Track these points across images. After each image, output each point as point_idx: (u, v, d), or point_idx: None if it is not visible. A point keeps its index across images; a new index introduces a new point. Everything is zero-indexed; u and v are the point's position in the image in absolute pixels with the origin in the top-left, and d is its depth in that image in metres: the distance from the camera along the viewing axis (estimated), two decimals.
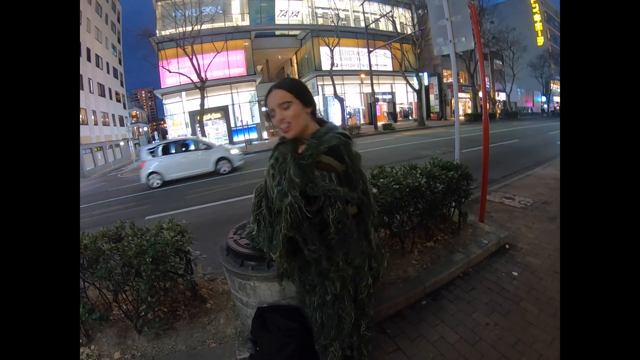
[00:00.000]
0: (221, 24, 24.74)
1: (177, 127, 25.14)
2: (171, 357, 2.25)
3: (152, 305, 2.37)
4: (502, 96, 41.04)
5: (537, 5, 54.54)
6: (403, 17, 32.04)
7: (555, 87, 52.32)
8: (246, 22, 26.26)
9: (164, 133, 34.62)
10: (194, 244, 2.67)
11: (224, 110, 23.95)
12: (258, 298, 2.11)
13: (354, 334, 1.65)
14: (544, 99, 49.53)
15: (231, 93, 25.54)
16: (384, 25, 30.86)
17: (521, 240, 3.88)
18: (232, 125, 24.44)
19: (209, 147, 11.68)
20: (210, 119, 23.11)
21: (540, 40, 52.64)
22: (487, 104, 4.47)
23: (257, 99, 26.12)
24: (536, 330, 2.36)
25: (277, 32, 29.18)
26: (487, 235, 3.70)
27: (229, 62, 25.07)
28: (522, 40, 37.44)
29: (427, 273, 2.96)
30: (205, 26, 20.51)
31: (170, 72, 20.55)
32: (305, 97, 1.51)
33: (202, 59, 19.57)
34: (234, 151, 12.17)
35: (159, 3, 23.79)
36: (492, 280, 3.03)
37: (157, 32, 24.02)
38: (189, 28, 18.97)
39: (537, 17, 54.34)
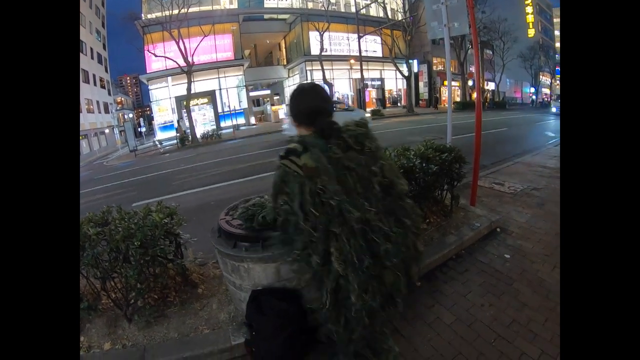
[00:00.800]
0: (209, 7, 24.08)
1: (163, 112, 24.61)
2: (163, 345, 2.19)
3: (142, 293, 2.30)
4: (491, 85, 41.35)
5: None
6: (394, 3, 31.67)
7: (545, 78, 52.94)
8: (234, 5, 25.65)
9: (149, 119, 33.84)
10: (184, 227, 2.60)
11: (211, 95, 23.47)
12: (252, 281, 2.06)
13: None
14: (532, 90, 49.99)
15: (218, 78, 25.06)
16: (374, 11, 30.54)
17: (512, 224, 3.94)
18: (220, 110, 24.02)
19: (351, 110, 13.70)
20: (197, 104, 22.62)
21: (531, 32, 52.77)
22: (476, 93, 4.44)
23: (244, 84, 25.70)
24: (530, 311, 2.41)
25: (266, 16, 28.60)
26: (479, 219, 3.75)
27: (217, 46, 24.52)
28: (513, 31, 37.51)
29: None
30: (192, 9, 19.91)
31: (156, 56, 20.02)
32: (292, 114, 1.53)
33: (189, 43, 19.04)
34: (367, 115, 14.14)
35: None
36: (485, 262, 3.08)
37: (142, 15, 23.26)
38: (176, 11, 18.39)
39: (529, 10, 54.39)
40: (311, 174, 1.31)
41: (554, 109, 24.82)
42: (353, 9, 25.87)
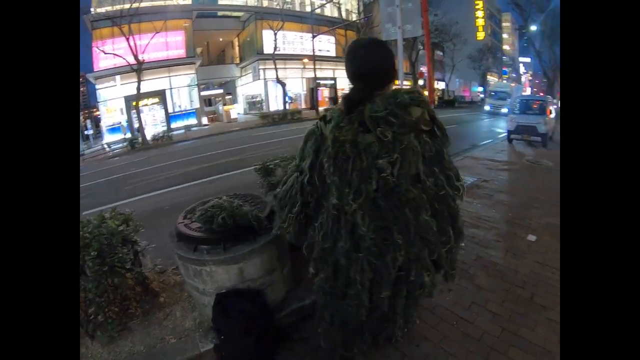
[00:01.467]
0: (162, 2, 23.01)
1: (111, 113, 23.04)
2: (130, 359, 2.08)
3: (102, 306, 2.17)
4: (441, 85, 43.44)
5: (480, 2, 58.22)
6: (349, 3, 32.23)
7: (492, 78, 56.55)
8: (188, 1, 24.72)
9: (97, 121, 31.58)
10: (141, 233, 2.49)
11: (161, 95, 22.39)
12: (215, 284, 2.03)
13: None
14: (480, 89, 53.24)
15: (169, 76, 24.00)
16: (329, 11, 30.83)
17: (463, 214, 4.17)
18: (171, 110, 22.97)
19: None
20: (147, 105, 21.48)
21: (480, 35, 56.25)
22: (426, 92, 4.68)
23: (196, 83, 24.84)
24: (487, 293, 2.61)
25: (220, 13, 27.87)
26: None
27: (168, 43, 23.43)
28: (464, 33, 39.84)
29: None
30: (144, 4, 18.95)
31: (105, 53, 18.76)
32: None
33: (140, 40, 18.12)
34: None
35: None
36: None
37: (92, 9, 21.70)
38: (127, 5, 17.40)
39: (479, 14, 57.98)
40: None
41: (487, 107, 23.93)
42: (308, 9, 25.97)
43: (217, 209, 2.00)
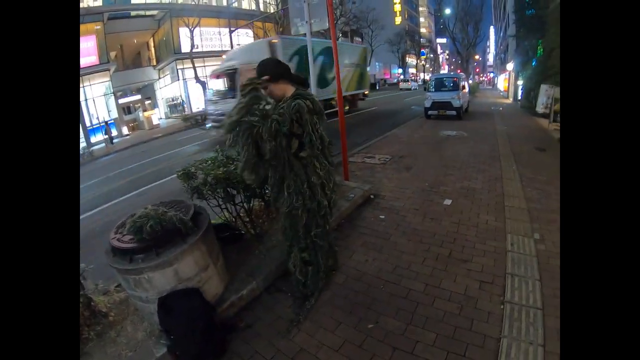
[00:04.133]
0: None
1: None
2: None
3: None
4: None
5: None
6: None
7: (411, 60, 59.62)
8: (98, 3, 22.50)
9: None
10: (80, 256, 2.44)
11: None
12: (156, 289, 2.12)
13: (307, 237, 2.33)
14: (400, 70, 56.00)
15: (83, 87, 21.87)
16: (247, 4, 30.16)
17: (383, 189, 4.62)
18: (88, 124, 20.93)
19: None
20: None
21: (397, 20, 58.90)
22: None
23: (112, 91, 22.92)
24: (408, 256, 2.93)
25: (133, 13, 25.86)
26: (353, 190, 4.28)
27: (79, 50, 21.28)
28: (381, 19, 41.46)
29: None
30: None
31: None
32: (270, 72, 2.20)
33: None
34: None
35: None
36: (363, 226, 3.59)
37: None
38: None
39: (396, 0, 60.41)
40: (316, 113, 2.12)
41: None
42: (225, 2, 25.12)
43: (144, 219, 2.09)
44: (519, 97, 17.37)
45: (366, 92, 16.87)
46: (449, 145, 7.43)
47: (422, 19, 76.78)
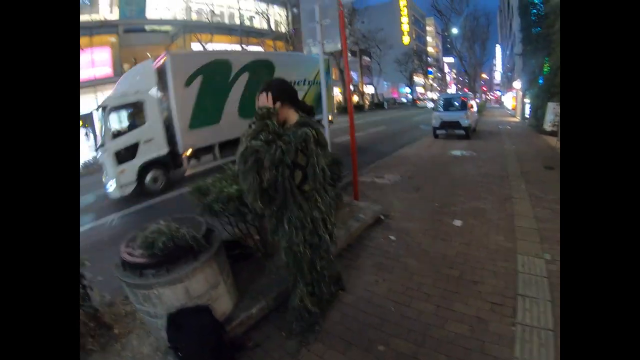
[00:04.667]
0: (87, 17, 21.40)
1: None
2: None
3: None
4: (370, 89, 45.53)
5: (405, 9, 62.18)
6: (278, 15, 32.62)
7: (418, 79, 60.40)
8: (115, 16, 23.26)
9: None
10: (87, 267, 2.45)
11: (87, 118, 20.74)
12: (165, 305, 2.10)
13: (313, 272, 2.21)
14: (408, 89, 56.58)
15: (96, 97, 22.40)
16: (258, 23, 30.97)
17: (393, 210, 4.58)
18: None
19: None
20: None
21: (405, 40, 60.05)
22: (356, 97, 5.05)
23: None
24: (419, 277, 2.90)
25: (148, 28, 26.67)
26: (363, 211, 4.26)
27: (94, 60, 21.78)
28: (390, 39, 42.30)
29: None
30: None
31: None
32: (279, 95, 2.05)
33: None
34: None
35: None
36: (373, 247, 3.55)
37: None
38: None
39: (404, 20, 61.87)
40: (320, 145, 1.99)
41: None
42: (237, 21, 25.82)
43: (156, 234, 2.09)
44: (527, 115, 17.36)
45: (330, 119, 9.72)
46: (458, 165, 7.40)
47: (429, 39, 78.04)
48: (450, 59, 78.76)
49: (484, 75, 66.54)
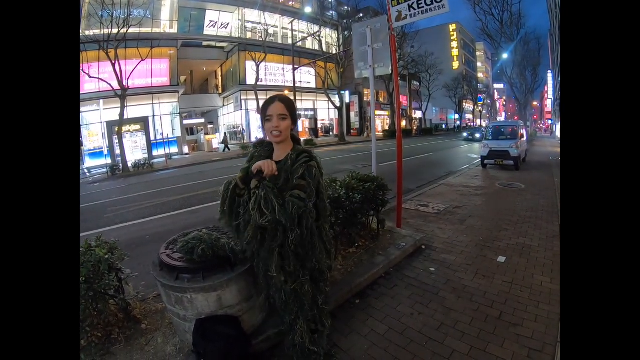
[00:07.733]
0: (149, 29, 23.32)
1: (93, 138, 22.68)
2: None
3: (86, 331, 2.23)
4: (418, 114, 45.04)
5: (455, 33, 61.95)
6: (329, 37, 33.57)
7: (467, 105, 59.15)
8: (174, 30, 25.17)
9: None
10: (126, 261, 2.58)
11: (144, 122, 22.34)
12: (196, 310, 2.14)
13: (314, 307, 1.94)
14: (456, 116, 55.46)
15: (152, 104, 24.04)
16: (310, 44, 32.01)
17: (436, 240, 4.39)
18: (152, 138, 22.85)
19: None
20: (130, 131, 21.38)
21: (455, 65, 59.53)
22: (405, 121, 4.99)
23: (179, 111, 25.00)
24: (456, 314, 2.74)
25: (205, 43, 28.51)
26: (405, 239, 4.13)
27: (153, 70, 23.63)
28: (439, 64, 42.05)
29: (351, 276, 3.21)
30: (132, 30, 19.15)
31: (90, 76, 18.64)
32: (294, 116, 1.84)
33: (125, 65, 18.20)
34: None
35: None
36: (412, 277, 3.41)
37: (80, 31, 21.81)
38: (115, 30, 17.55)
39: (454, 44, 61.53)
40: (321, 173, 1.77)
41: (464, 134, 28.09)
42: (290, 41, 26.88)
43: (197, 241, 2.16)
44: None
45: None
46: (505, 198, 7.05)
47: (479, 64, 76.50)
48: (501, 85, 76.57)
49: (535, 103, 63.69)
